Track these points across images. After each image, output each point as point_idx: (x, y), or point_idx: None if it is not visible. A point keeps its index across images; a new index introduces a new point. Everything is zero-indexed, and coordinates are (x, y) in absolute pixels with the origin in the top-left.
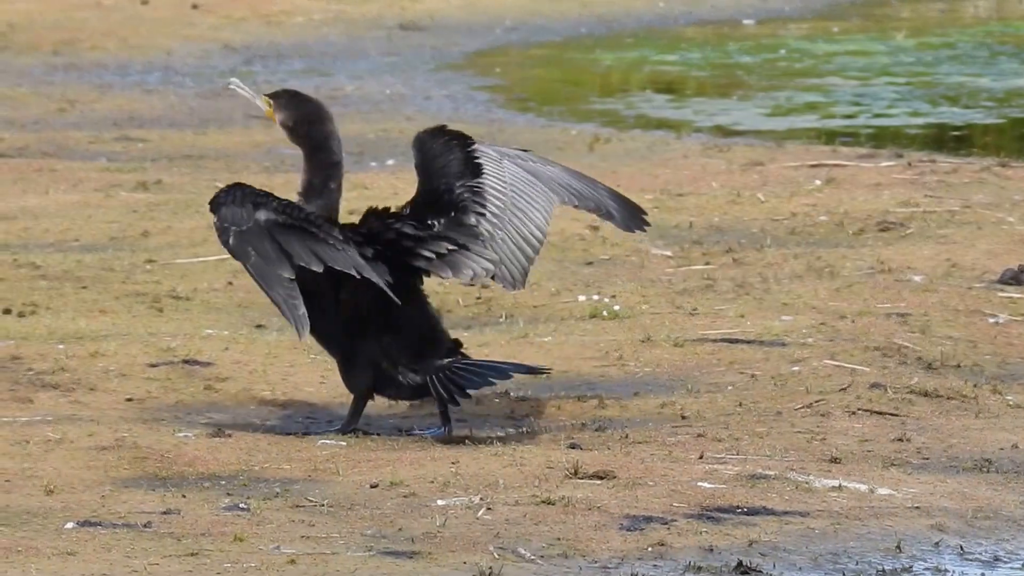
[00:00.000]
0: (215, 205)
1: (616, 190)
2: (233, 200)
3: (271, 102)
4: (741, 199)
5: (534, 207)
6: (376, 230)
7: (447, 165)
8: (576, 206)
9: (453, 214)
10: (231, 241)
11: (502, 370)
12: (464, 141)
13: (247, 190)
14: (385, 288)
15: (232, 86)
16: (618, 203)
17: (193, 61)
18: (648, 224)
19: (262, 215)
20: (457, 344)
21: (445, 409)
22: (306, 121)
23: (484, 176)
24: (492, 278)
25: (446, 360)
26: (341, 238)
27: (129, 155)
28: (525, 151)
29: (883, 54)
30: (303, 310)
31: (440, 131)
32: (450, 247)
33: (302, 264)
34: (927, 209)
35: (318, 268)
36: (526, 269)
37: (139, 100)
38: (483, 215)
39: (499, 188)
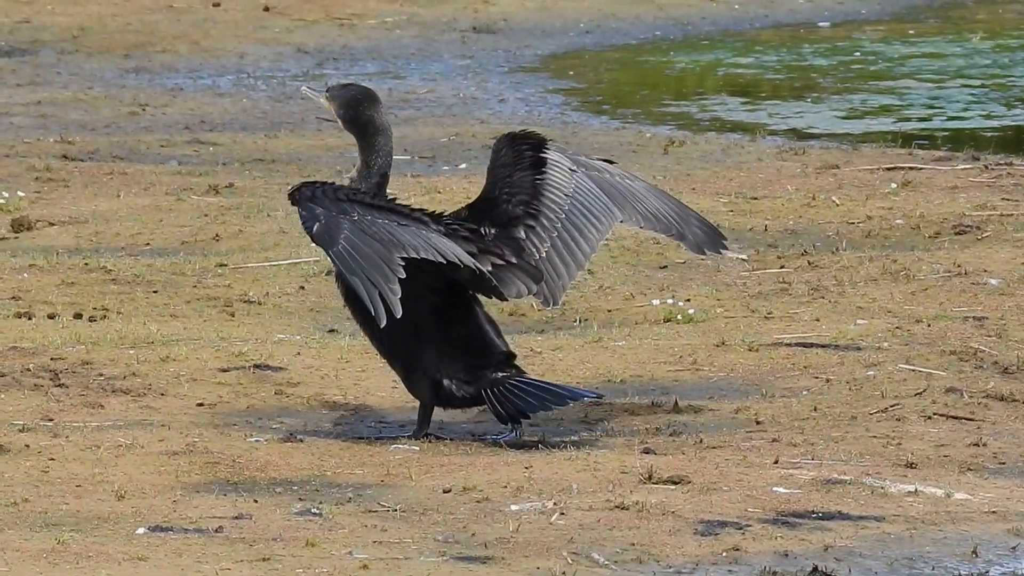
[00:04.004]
0: (301, 200)
1: (701, 216)
2: (314, 197)
3: (329, 98)
4: (816, 202)
5: (590, 223)
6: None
7: (511, 174)
8: (643, 227)
9: (504, 225)
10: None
11: (561, 396)
12: (539, 149)
13: (328, 186)
14: (487, 275)
15: (303, 90)
16: (702, 226)
17: (265, 64)
18: (726, 247)
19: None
20: (511, 356)
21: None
22: (354, 102)
23: (545, 188)
24: (532, 294)
25: (500, 374)
26: (441, 229)
27: (200, 159)
28: (610, 162)
29: (958, 56)
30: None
31: (521, 136)
32: (496, 261)
33: (415, 254)
34: (1004, 212)
35: (430, 256)
36: (566, 287)
37: (211, 103)
38: (532, 228)
39: (558, 202)
